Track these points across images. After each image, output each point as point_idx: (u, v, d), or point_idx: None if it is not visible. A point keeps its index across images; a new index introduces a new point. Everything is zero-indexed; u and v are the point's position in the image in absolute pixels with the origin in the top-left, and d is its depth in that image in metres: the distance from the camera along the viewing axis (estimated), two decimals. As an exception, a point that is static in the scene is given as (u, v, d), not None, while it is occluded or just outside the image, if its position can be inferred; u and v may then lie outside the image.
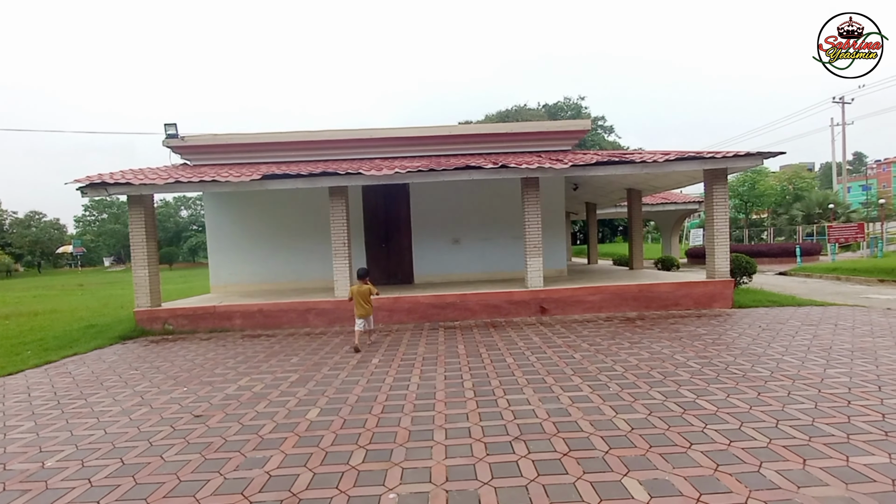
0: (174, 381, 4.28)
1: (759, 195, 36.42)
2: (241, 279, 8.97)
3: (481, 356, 4.80)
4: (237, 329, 6.89)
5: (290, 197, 8.99)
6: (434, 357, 4.84)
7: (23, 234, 42.35)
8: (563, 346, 5.12)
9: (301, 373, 4.40)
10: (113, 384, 4.30)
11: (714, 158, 6.85)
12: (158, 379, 4.40)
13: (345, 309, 6.94)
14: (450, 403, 3.37)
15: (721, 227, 7.35)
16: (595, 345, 5.10)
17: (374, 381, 4.05)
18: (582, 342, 5.26)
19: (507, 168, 6.70)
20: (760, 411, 3.01)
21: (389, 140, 8.82)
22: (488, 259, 9.32)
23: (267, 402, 3.58)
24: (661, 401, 3.27)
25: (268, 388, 3.96)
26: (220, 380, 4.28)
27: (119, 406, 3.65)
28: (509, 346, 5.24)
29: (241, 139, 8.66)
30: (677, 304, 7.30)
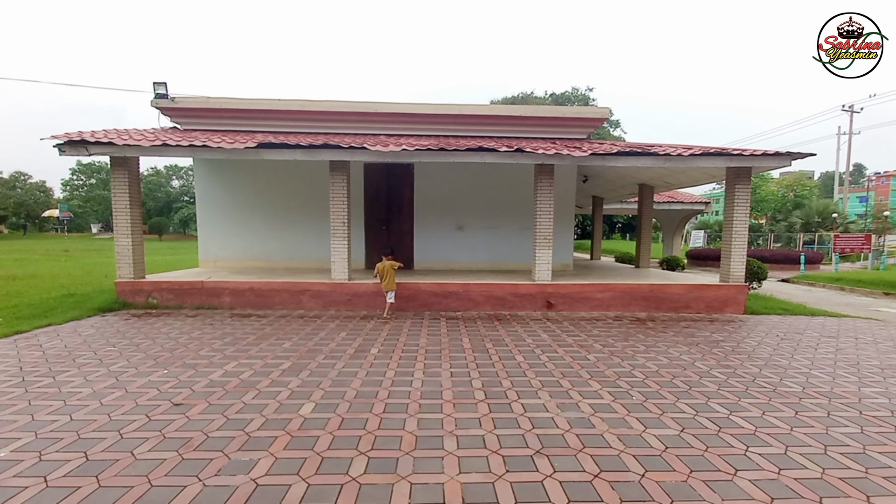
0: (154, 362, 3.91)
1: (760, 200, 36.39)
2: (232, 254, 8.52)
3: (488, 352, 4.49)
4: (226, 307, 6.50)
5: (288, 170, 8.48)
6: (437, 350, 4.51)
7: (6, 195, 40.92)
8: (575, 345, 4.83)
9: (294, 360, 4.05)
10: (86, 361, 3.91)
11: (741, 156, 6.49)
12: (137, 358, 4.02)
13: (341, 292, 6.57)
14: (459, 405, 3.05)
15: (740, 228, 7.05)
16: (608, 346, 4.82)
17: (374, 374, 3.72)
18: (594, 342, 4.98)
19: (522, 153, 6.27)
20: (803, 434, 2.73)
21: (396, 116, 8.27)
22: (493, 248, 8.95)
23: (256, 392, 3.24)
24: (691, 415, 2.99)
25: (257, 375, 3.61)
26: (206, 363, 3.91)
27: (90, 388, 3.28)
28: (517, 342, 4.94)
29: (236, 104, 8.05)
30: (688, 306, 7.06)
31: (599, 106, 8.42)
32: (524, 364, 4.08)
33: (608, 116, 8.42)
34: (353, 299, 6.59)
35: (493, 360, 4.19)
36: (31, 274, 10.64)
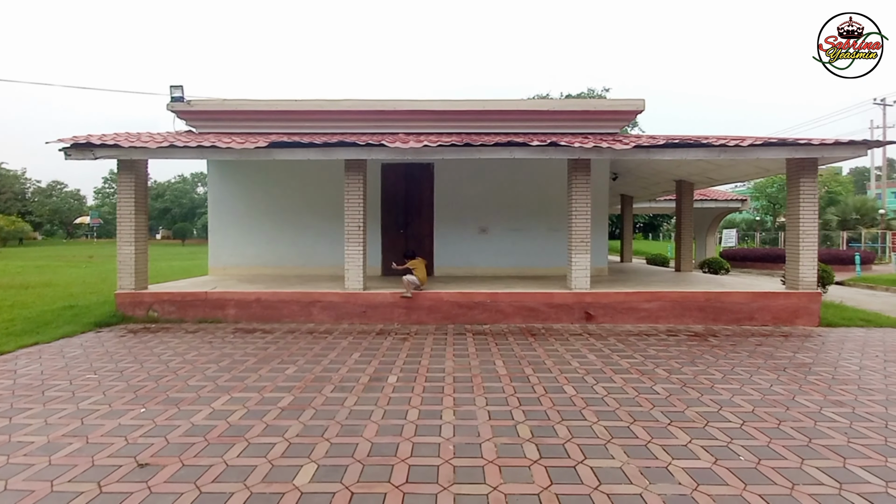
0: (133, 396, 3.31)
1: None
2: (242, 261, 8.02)
3: (529, 380, 3.71)
4: (230, 320, 5.94)
5: (302, 172, 7.93)
6: (468, 378, 3.76)
7: (43, 203, 42.73)
8: (633, 371, 3.99)
9: (296, 394, 3.37)
10: (56, 395, 3.35)
11: (808, 145, 5.51)
12: (116, 391, 3.43)
13: (355, 304, 5.92)
14: (506, 471, 2.29)
15: (808, 228, 6.02)
16: (674, 372, 3.95)
17: (393, 414, 3.00)
18: (654, 366, 4.12)
19: (556, 147, 5.48)
20: None
21: (415, 113, 7.59)
22: (519, 252, 8.15)
23: (243, 444, 2.56)
24: (833, 489, 2.13)
25: (250, 416, 2.95)
26: (192, 397, 3.29)
27: (45, 435, 2.68)
28: (560, 365, 4.14)
29: (251, 106, 7.56)
30: (752, 318, 6.07)
31: (632, 98, 7.43)
32: (577, 399, 3.28)
33: (642, 109, 7.51)
34: (369, 311, 5.93)
35: (537, 393, 3.40)
36: (46, 282, 10.49)
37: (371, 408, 3.10)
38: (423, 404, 3.17)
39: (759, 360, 4.40)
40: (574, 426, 2.81)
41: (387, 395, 3.35)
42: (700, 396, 3.37)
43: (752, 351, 4.74)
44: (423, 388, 3.50)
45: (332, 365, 4.10)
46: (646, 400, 3.29)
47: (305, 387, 3.52)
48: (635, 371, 3.99)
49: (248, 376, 3.76)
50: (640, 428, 2.80)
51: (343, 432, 2.71)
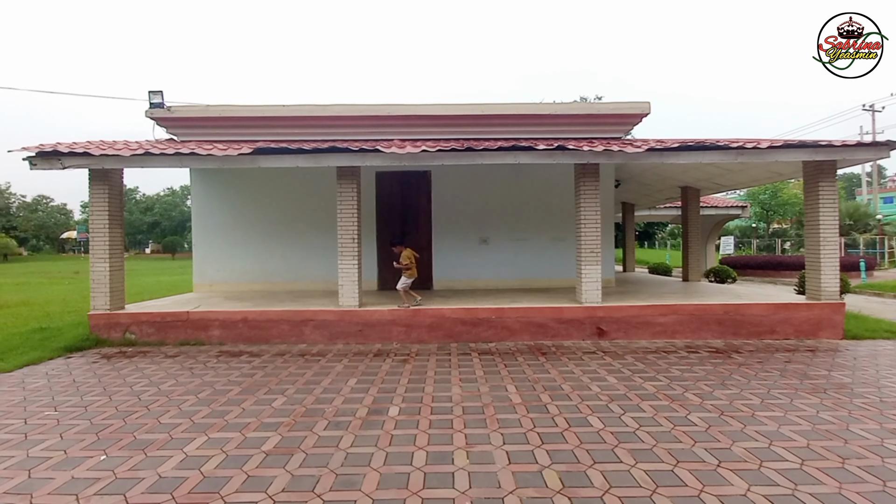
0: (95, 440, 2.85)
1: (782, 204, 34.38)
2: (230, 277, 7.57)
3: (548, 410, 3.30)
4: (215, 342, 5.48)
5: (291, 181, 7.58)
6: (479, 409, 3.35)
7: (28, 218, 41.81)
8: (661, 396, 3.60)
9: (284, 433, 2.93)
10: (5, 438, 2.89)
11: (830, 147, 5.27)
12: (76, 431, 2.97)
13: (350, 322, 5.49)
14: (538, 535, 1.87)
15: (829, 234, 5.75)
16: (707, 397, 3.57)
17: (397, 458, 2.57)
18: (683, 390, 3.74)
19: (564, 151, 5.18)
20: None
21: (411, 118, 7.32)
22: (522, 263, 7.81)
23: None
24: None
25: (228, 464, 2.51)
26: (163, 439, 2.84)
27: (-20, 494, 2.22)
28: (579, 390, 3.74)
29: (237, 112, 7.24)
30: (773, 331, 5.74)
31: (637, 101, 7.23)
32: (606, 434, 2.88)
33: (648, 112, 7.30)
34: (365, 330, 5.50)
35: (559, 427, 3.00)
36: (23, 301, 9.91)
37: (370, 450, 2.67)
38: (431, 444, 2.75)
39: (794, 379, 4.05)
40: (610, 471, 2.41)
41: (388, 432, 2.93)
42: (743, 428, 2.99)
43: (783, 369, 4.38)
44: (429, 423, 3.08)
45: (326, 394, 3.67)
46: (684, 434, 2.90)
47: (295, 423, 3.08)
48: (664, 396, 3.60)
49: (230, 410, 3.31)
50: (686, 472, 2.40)
51: (338, 485, 2.28)
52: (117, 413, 3.27)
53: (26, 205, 43.51)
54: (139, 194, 49.73)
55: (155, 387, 3.89)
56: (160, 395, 3.68)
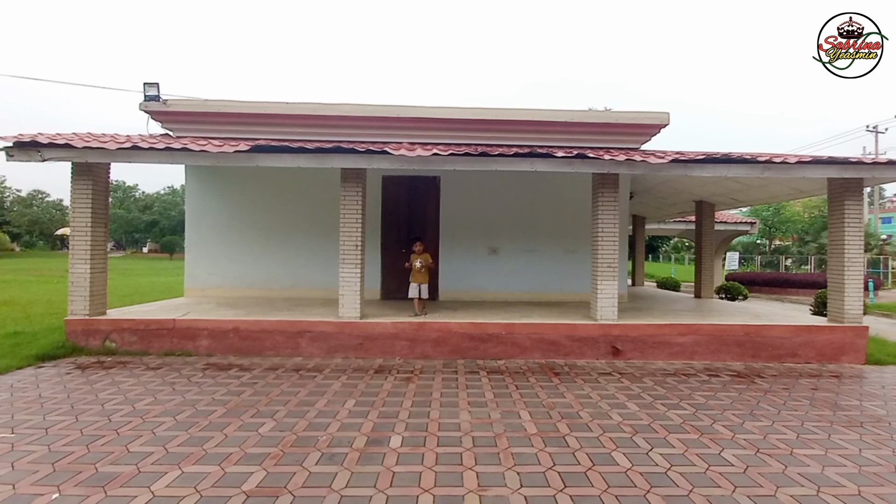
0: (50, 471, 2.47)
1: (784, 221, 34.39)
2: (224, 281, 7.20)
3: (567, 443, 2.96)
4: (202, 353, 5.10)
5: (293, 182, 7.26)
6: (490, 440, 2.99)
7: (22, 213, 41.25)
8: (687, 426, 3.27)
9: (270, 466, 2.57)
10: (-51, 466, 2.50)
11: (860, 164, 5.05)
12: (31, 460, 2.60)
13: (350, 334, 5.13)
14: None
15: (854, 254, 5.49)
16: (736, 429, 3.25)
17: (400, 501, 2.22)
18: (711, 421, 3.40)
19: (584, 159, 4.91)
20: None
21: (421, 121, 7.00)
22: (532, 275, 7.49)
23: (186, 567, 1.76)
24: None
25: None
26: (129, 472, 2.46)
27: None
28: (599, 418, 3.40)
29: (237, 108, 6.90)
30: (795, 354, 5.43)
31: (656, 111, 7.00)
32: (636, 476, 2.53)
33: (667, 123, 7.06)
34: (366, 343, 5.14)
35: (582, 465, 2.65)
36: (4, 301, 9.48)
37: (369, 492, 2.31)
38: (438, 485, 2.40)
39: (825, 410, 3.74)
40: (650, 528, 2.06)
41: (389, 468, 2.57)
42: (784, 469, 2.65)
43: (811, 398, 4.07)
44: (435, 457, 2.72)
45: (320, 419, 3.30)
46: (720, 476, 2.55)
47: (283, 455, 2.71)
48: (691, 428, 3.26)
49: (211, 437, 2.94)
50: (740, 531, 2.05)
51: (332, 541, 1.92)
52: (81, 438, 2.90)
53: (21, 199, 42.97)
54: (138, 192, 49.28)
55: (130, 405, 3.51)
56: (134, 415, 3.30)
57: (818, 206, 35.56)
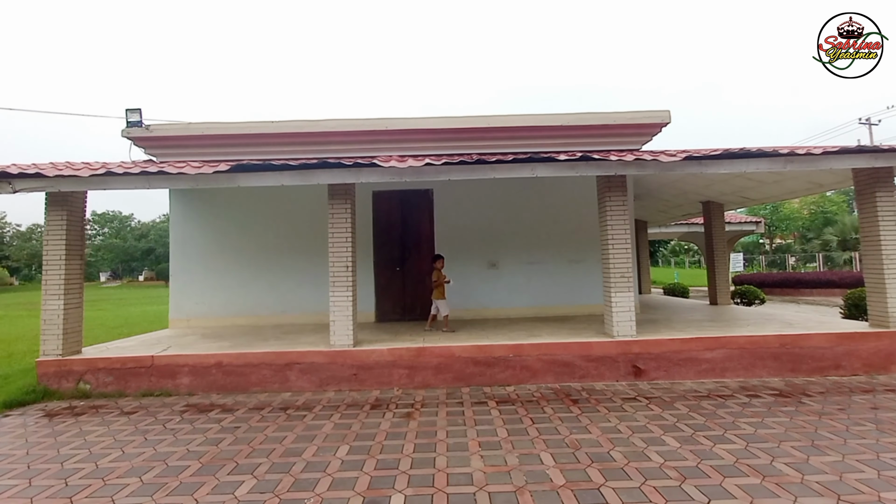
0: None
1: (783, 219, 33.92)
2: (210, 311, 6.78)
3: (605, 498, 2.46)
4: (183, 391, 4.63)
5: (281, 203, 6.95)
6: (511, 497, 2.51)
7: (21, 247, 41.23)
8: (741, 465, 2.77)
9: (241, 551, 2.08)
10: None
11: (893, 151, 4.64)
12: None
13: (343, 364, 4.67)
14: None
15: (892, 250, 5.03)
16: (802, 468, 2.74)
17: None
18: (769, 458, 2.89)
19: (589, 161, 4.54)
20: None
21: (409, 133, 6.71)
22: (536, 289, 7.05)
23: None
24: None
25: None
26: (66, 566, 1.98)
27: None
28: (636, 460, 2.90)
29: (220, 129, 6.67)
30: (838, 366, 4.91)
31: (656, 109, 6.70)
32: (697, 545, 2.03)
33: (668, 122, 6.75)
34: (360, 374, 4.67)
35: (626, 530, 2.15)
36: (-10, 338, 9.06)
37: (363, 584, 1.82)
38: (450, 567, 1.90)
39: None
40: None
41: (388, 544, 2.08)
42: (881, 525, 2.15)
43: (875, 420, 3.55)
44: (445, 525, 2.23)
45: (308, 473, 2.82)
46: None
47: (259, 529, 2.23)
48: (748, 469, 2.76)
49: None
50: None
51: None
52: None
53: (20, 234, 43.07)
54: (134, 221, 49.57)
55: (93, 462, 3.05)
56: (95, 476, 2.83)
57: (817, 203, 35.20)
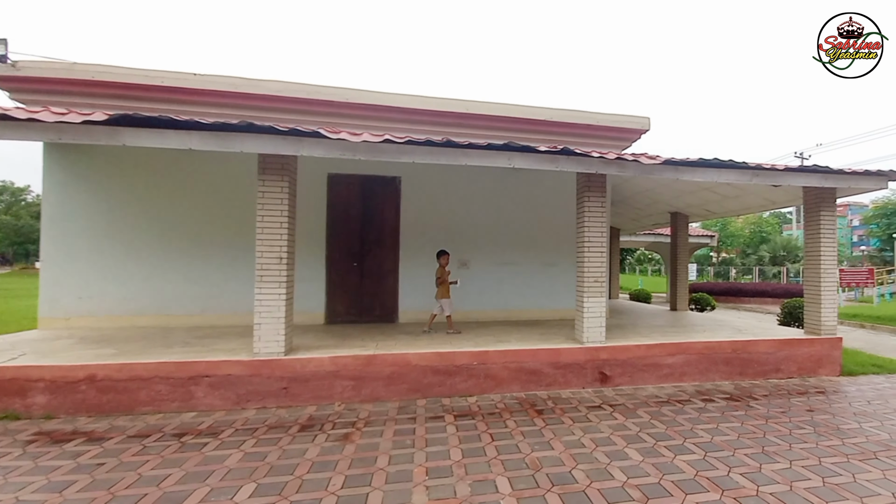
0: None
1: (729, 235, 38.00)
2: (100, 308, 5.39)
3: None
4: (37, 414, 3.45)
5: (203, 174, 5.74)
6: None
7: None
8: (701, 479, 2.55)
9: None
10: None
11: (842, 174, 4.93)
12: None
13: (270, 377, 3.80)
14: None
15: (829, 265, 5.37)
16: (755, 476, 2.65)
17: None
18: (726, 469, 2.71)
19: (570, 156, 4.17)
20: None
21: (377, 109, 5.74)
22: (508, 292, 6.65)
23: None
24: None
25: None
26: None
27: None
28: (598, 479, 2.56)
29: (119, 75, 5.06)
30: (778, 369, 5.13)
31: (637, 115, 6.61)
32: None
33: (648, 129, 6.74)
34: (293, 387, 3.83)
35: None
36: None
37: None
38: None
39: (833, 439, 3.32)
40: None
41: None
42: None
43: (812, 422, 3.70)
44: None
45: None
46: None
47: None
48: (708, 483, 2.56)
49: None
50: None
51: None
52: None
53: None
54: (31, 195, 41.11)
55: None
56: None
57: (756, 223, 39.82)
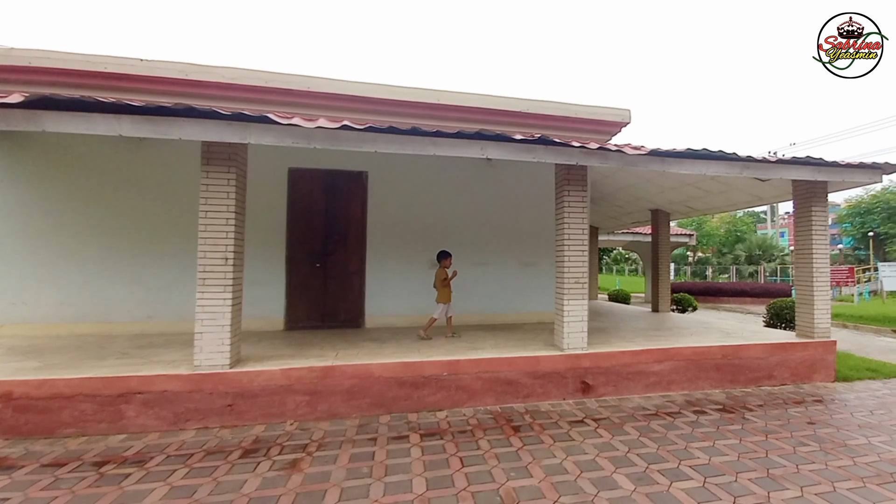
0: None
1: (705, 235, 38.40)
2: (34, 315, 4.89)
3: None
4: (-64, 442, 2.99)
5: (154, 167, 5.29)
6: None
7: None
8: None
9: None
10: None
11: (836, 166, 4.67)
12: None
13: (213, 393, 3.38)
14: None
15: (821, 264, 5.12)
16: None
17: None
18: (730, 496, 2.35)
19: (548, 145, 3.85)
20: None
21: (341, 100, 5.38)
22: (483, 294, 6.29)
23: None
24: None
25: None
26: None
27: None
28: (593, 528, 2.16)
29: (59, 61, 4.67)
30: (771, 376, 4.84)
31: (617, 107, 6.33)
32: None
33: (628, 121, 6.46)
34: (239, 404, 3.42)
35: None
36: None
37: None
38: None
39: (844, 459, 3.00)
40: None
41: None
42: None
43: (817, 438, 3.38)
44: None
45: None
46: None
47: None
48: None
49: None
50: None
51: None
52: None
53: None
54: None
55: None
56: None
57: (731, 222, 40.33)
